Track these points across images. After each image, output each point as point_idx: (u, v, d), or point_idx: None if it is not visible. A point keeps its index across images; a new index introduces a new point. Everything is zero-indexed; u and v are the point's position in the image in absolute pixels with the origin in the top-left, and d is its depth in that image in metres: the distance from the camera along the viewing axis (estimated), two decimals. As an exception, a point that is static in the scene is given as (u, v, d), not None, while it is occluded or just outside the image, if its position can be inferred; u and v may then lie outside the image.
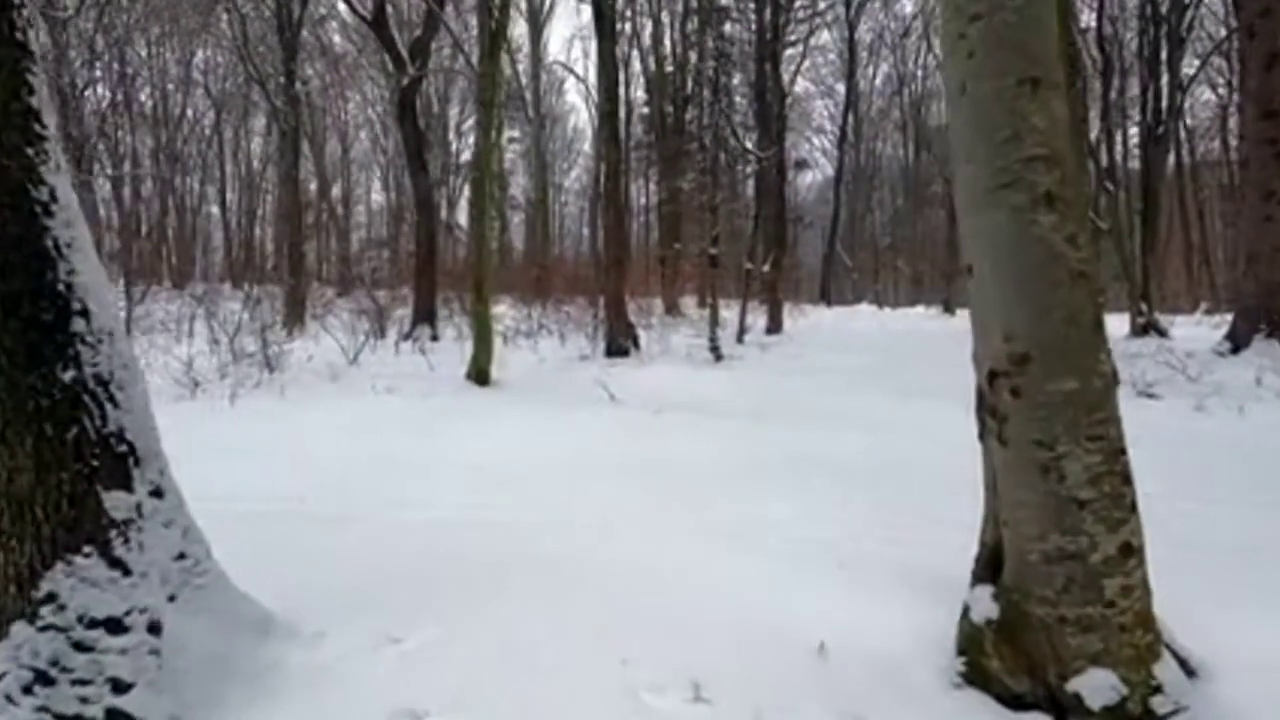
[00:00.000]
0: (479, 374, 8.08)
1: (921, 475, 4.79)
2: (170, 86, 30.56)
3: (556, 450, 5.61)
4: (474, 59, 16.46)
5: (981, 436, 2.51)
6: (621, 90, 28.67)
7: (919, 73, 31.19)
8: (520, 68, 28.34)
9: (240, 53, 19.82)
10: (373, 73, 28.70)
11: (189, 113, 31.44)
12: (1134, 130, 19.84)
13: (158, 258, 31.19)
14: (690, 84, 22.49)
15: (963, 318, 20.32)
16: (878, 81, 33.65)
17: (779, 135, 16.07)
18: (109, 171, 26.86)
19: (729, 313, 14.64)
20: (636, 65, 27.51)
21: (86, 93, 22.61)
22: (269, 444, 5.77)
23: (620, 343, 11.31)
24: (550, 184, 36.20)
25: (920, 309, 28.51)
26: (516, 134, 35.63)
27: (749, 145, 15.87)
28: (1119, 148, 20.02)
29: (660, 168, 22.69)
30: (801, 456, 5.39)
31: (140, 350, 10.41)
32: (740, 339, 13.95)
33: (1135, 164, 19.08)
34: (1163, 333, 13.18)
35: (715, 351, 11.09)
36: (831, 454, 5.44)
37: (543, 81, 30.86)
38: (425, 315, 14.98)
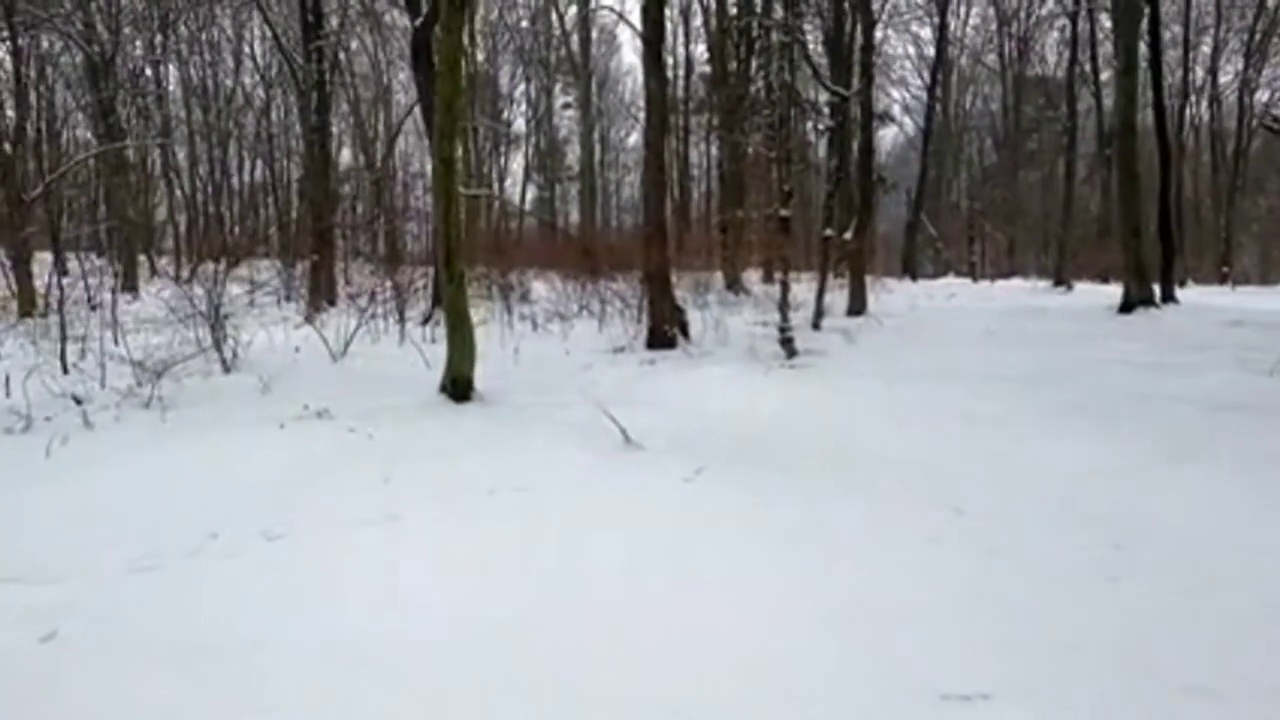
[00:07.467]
0: (455, 385, 5.62)
1: None
2: (216, 59, 29.72)
3: (456, 631, 2.70)
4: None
5: None
6: (680, 47, 26.01)
7: (1022, 11, 27.10)
8: (568, 15, 25.90)
9: (258, 4, 18.25)
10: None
11: (241, 87, 30.59)
12: None
13: (219, 234, 30.81)
14: (757, 26, 19.65)
15: (1082, 293, 16.27)
16: (971, 22, 29.66)
17: (865, 70, 13.16)
18: (156, 140, 26.19)
19: (801, 288, 11.96)
20: (698, 19, 24.81)
21: (117, 62, 21.51)
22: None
23: (664, 332, 8.92)
24: (606, 148, 33.81)
25: (1020, 281, 25.09)
26: (571, 99, 33.38)
27: (829, 85, 13.03)
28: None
29: (721, 119, 19.97)
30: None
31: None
32: (817, 324, 11.31)
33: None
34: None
35: (787, 345, 8.51)
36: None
37: (594, 37, 28.32)
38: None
